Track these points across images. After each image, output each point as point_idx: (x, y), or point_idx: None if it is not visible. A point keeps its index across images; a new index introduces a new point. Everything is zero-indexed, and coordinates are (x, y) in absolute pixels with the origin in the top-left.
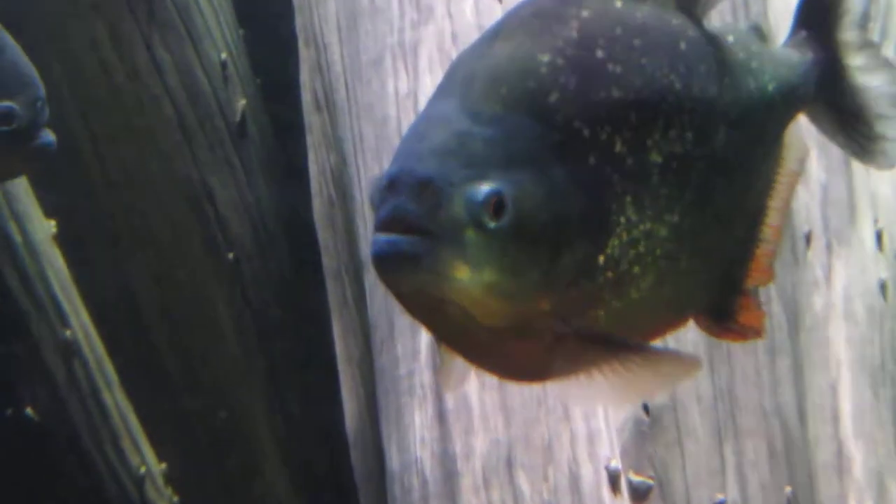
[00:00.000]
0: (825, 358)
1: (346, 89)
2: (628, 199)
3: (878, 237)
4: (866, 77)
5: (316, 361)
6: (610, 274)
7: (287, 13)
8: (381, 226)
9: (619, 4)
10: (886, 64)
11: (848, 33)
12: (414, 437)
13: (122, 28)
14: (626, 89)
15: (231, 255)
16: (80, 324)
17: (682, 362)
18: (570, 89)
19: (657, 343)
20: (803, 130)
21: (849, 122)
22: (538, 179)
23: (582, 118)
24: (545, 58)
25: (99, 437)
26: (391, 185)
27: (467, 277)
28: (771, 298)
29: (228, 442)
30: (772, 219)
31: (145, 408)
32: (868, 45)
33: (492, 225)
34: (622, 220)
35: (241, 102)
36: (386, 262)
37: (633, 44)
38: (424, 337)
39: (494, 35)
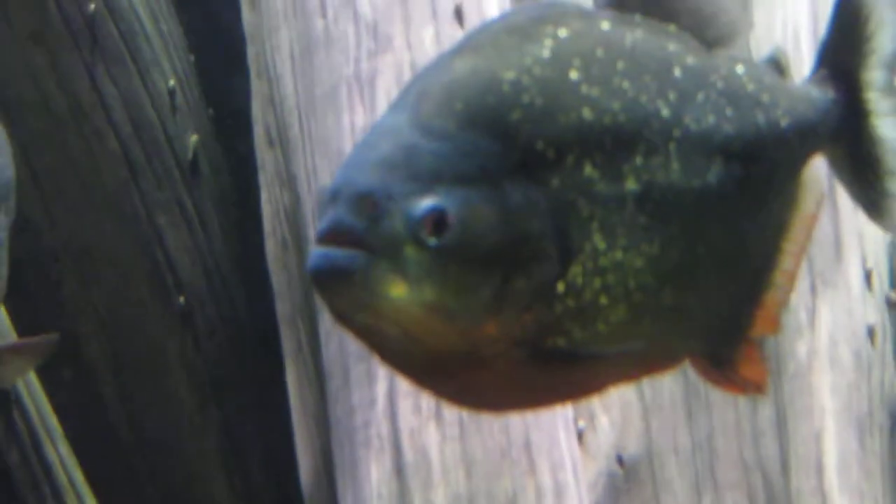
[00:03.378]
0: (809, 407)
1: (299, 124)
2: (595, 225)
3: (867, 278)
4: (888, 126)
5: (272, 414)
6: (571, 302)
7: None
8: (320, 239)
9: (607, 26)
10: None
11: (874, 73)
12: (370, 491)
13: (63, 59)
14: (601, 112)
15: (182, 301)
16: None
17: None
18: (535, 109)
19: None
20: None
21: (863, 173)
22: (488, 198)
23: (546, 139)
24: (509, 75)
25: (41, 494)
26: (333, 196)
27: (404, 295)
28: None
29: (182, 502)
30: (785, 263)
31: (91, 464)
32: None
33: (431, 242)
34: (586, 246)
35: (193, 138)
36: (321, 277)
37: (616, 67)
38: (382, 385)
39: (457, 50)
